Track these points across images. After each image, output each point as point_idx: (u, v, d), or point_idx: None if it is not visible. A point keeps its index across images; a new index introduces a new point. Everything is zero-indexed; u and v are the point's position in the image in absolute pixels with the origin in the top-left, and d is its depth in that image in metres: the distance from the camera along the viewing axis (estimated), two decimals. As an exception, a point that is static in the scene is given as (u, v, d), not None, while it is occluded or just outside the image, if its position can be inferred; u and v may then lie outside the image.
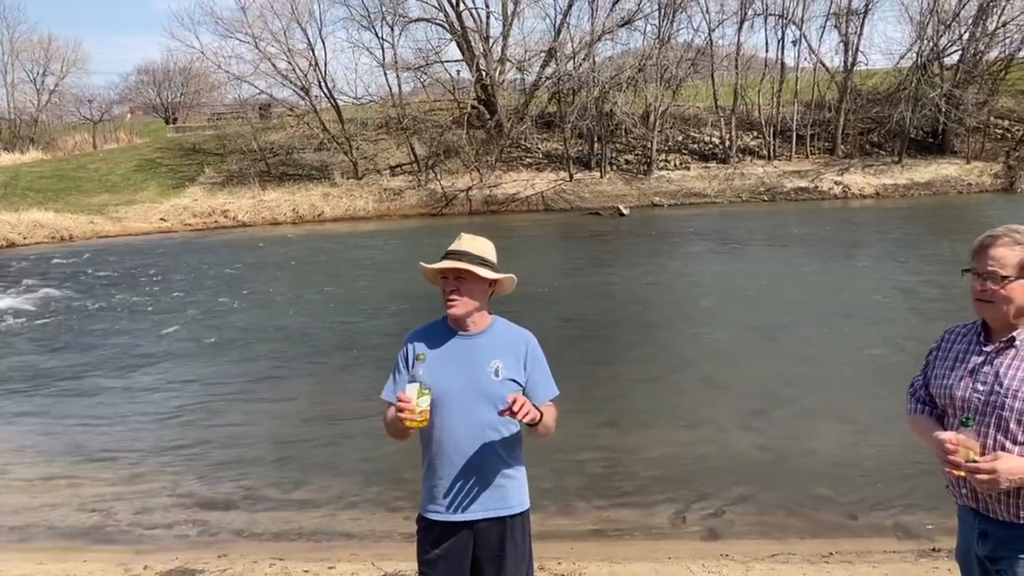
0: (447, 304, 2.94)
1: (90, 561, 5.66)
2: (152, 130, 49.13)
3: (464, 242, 3.00)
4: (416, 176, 35.34)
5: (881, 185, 33.09)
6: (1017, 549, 2.46)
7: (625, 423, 8.47)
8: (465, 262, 2.92)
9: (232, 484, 7.20)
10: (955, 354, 2.63)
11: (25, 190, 34.20)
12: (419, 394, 2.74)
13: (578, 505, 6.43)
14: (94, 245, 27.11)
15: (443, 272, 2.94)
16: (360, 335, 12.82)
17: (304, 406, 9.46)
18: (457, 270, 2.92)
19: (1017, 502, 2.44)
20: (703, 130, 37.74)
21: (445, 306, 2.96)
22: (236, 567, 5.36)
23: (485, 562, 2.94)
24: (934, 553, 5.24)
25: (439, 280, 2.98)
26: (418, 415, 2.74)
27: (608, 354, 11.08)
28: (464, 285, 2.93)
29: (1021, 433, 2.40)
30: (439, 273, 2.96)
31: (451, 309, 2.94)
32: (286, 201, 33.64)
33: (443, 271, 2.94)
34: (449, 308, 2.94)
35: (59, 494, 7.15)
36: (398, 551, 5.46)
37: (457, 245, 2.99)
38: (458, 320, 2.97)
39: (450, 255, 2.96)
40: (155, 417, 9.24)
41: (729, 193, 33.22)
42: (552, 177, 35.04)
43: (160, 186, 35.82)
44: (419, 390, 2.75)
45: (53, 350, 12.85)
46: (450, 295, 2.93)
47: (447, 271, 2.93)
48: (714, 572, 4.95)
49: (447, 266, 2.92)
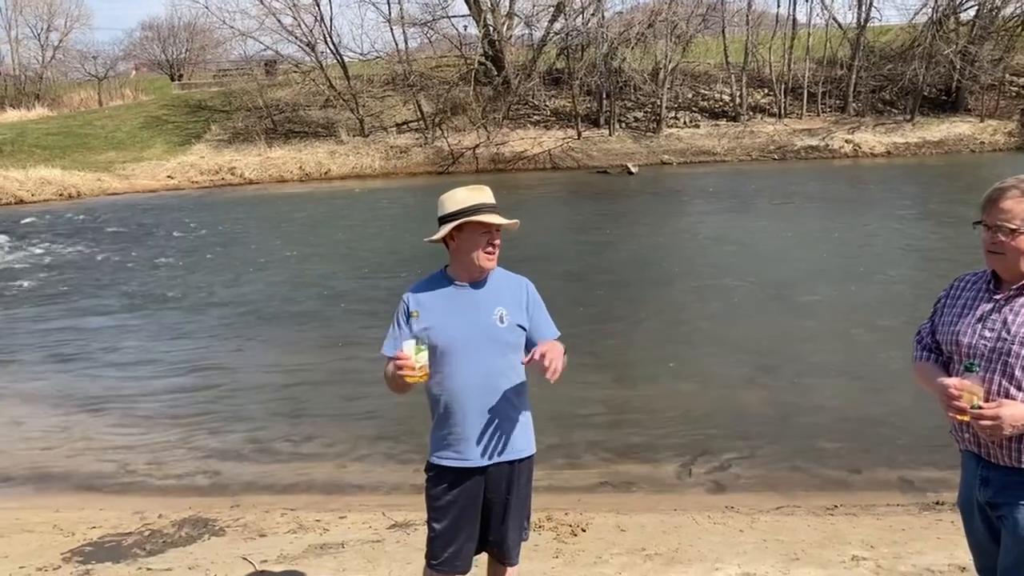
0: (488, 257, 2.96)
1: (106, 509, 5.77)
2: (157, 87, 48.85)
3: (488, 194, 3.01)
4: (423, 134, 35.11)
5: (892, 144, 32.76)
6: (1017, 495, 2.48)
7: (632, 378, 8.53)
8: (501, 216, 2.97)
9: (243, 436, 7.30)
10: (964, 301, 2.64)
11: (32, 147, 34.13)
12: (416, 351, 2.79)
13: (585, 458, 6.51)
14: (102, 202, 27.12)
15: (487, 226, 2.94)
16: (368, 290, 12.87)
17: (313, 360, 9.54)
18: (506, 224, 2.97)
19: (1019, 447, 2.45)
20: (713, 87, 37.30)
21: (483, 259, 2.95)
22: (248, 516, 5.46)
23: (493, 505, 3.00)
24: (937, 506, 5.30)
25: (470, 234, 2.93)
26: (418, 371, 2.79)
27: (615, 311, 11.11)
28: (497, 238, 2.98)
29: None
30: (482, 227, 2.93)
31: (491, 262, 2.98)
32: (292, 159, 33.51)
33: (487, 225, 2.93)
34: (489, 261, 2.97)
35: (74, 445, 7.26)
36: (408, 502, 5.54)
37: (486, 198, 2.98)
38: (486, 272, 3.00)
39: (488, 209, 2.95)
40: (166, 370, 9.34)
41: (739, 151, 32.96)
42: (560, 135, 34.76)
43: (167, 143, 35.70)
44: (416, 347, 2.79)
45: (64, 305, 12.94)
46: (494, 249, 2.97)
47: (492, 225, 2.94)
48: (719, 524, 5.02)
49: (499, 221, 2.94)
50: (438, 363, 2.94)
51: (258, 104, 36.95)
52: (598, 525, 4.97)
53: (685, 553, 4.43)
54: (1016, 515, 2.48)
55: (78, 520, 5.50)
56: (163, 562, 4.61)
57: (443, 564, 3.01)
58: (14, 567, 4.54)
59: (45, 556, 4.76)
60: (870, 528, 4.88)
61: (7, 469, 6.84)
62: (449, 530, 2.99)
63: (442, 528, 3.00)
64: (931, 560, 4.21)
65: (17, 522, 5.54)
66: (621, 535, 4.80)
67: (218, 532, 5.16)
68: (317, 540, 4.86)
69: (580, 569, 4.18)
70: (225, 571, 4.32)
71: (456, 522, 2.98)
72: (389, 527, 5.08)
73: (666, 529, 4.90)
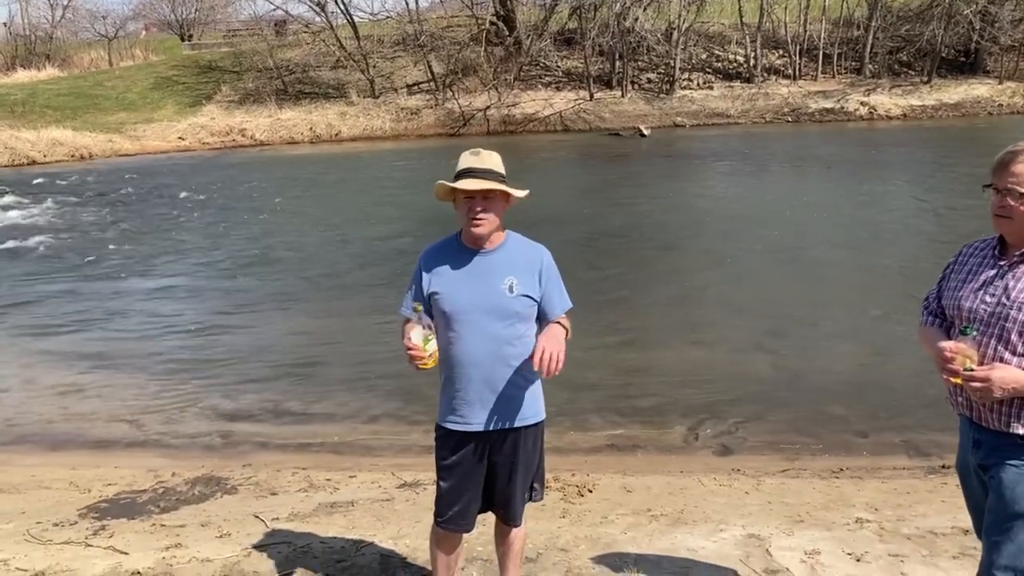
0: (473, 223, 2.89)
1: (121, 467, 5.87)
2: (167, 47, 48.53)
3: (484, 158, 2.92)
4: (433, 95, 34.83)
5: (908, 106, 32.31)
6: (1005, 456, 2.53)
7: (640, 342, 8.56)
8: (493, 180, 2.86)
9: (255, 397, 7.39)
10: (969, 267, 2.66)
11: (43, 108, 34.08)
12: (425, 340, 2.86)
13: (593, 420, 6.56)
14: (114, 164, 27.14)
15: (469, 192, 2.87)
16: (379, 253, 12.90)
17: (324, 323, 9.61)
18: (487, 190, 2.87)
19: (1009, 411, 2.49)
20: (727, 48, 36.76)
21: (469, 225, 2.90)
22: (260, 475, 5.55)
23: (499, 467, 3.04)
24: (943, 470, 5.33)
25: (460, 199, 2.90)
26: (429, 359, 2.88)
27: (625, 274, 11.11)
28: (490, 204, 2.89)
29: (1022, 345, 2.44)
30: (463, 193, 2.87)
31: (477, 228, 2.89)
32: (303, 120, 33.36)
33: (472, 191, 2.86)
34: (475, 228, 2.89)
35: (88, 404, 7.37)
36: (417, 462, 5.62)
37: (476, 162, 2.91)
38: (481, 238, 2.95)
39: (473, 173, 2.87)
40: (179, 331, 9.42)
41: (752, 114, 32.59)
42: (572, 96, 34.41)
43: (177, 104, 35.58)
44: (425, 337, 2.86)
45: (77, 265, 13.03)
46: (478, 215, 2.88)
47: (476, 191, 2.86)
48: (725, 486, 5.07)
49: (478, 186, 2.84)
50: (446, 328, 2.96)
51: (268, 65, 36.72)
52: (604, 486, 5.03)
53: (690, 514, 4.49)
54: (1002, 475, 2.53)
55: (94, 477, 5.61)
56: (177, 519, 4.70)
57: (448, 522, 3.07)
58: (31, 522, 4.64)
59: (62, 512, 4.86)
60: (875, 491, 4.92)
61: (23, 427, 6.96)
62: (454, 490, 3.04)
63: (447, 488, 3.05)
64: (934, 523, 4.25)
65: (33, 478, 5.66)
66: (627, 496, 4.86)
67: (230, 490, 5.25)
68: (327, 499, 4.94)
69: (586, 529, 4.24)
70: (237, 528, 4.40)
71: (461, 483, 3.03)
72: (398, 486, 5.16)
73: (672, 491, 4.95)
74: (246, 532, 4.31)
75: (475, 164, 2.90)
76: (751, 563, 3.75)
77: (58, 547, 4.24)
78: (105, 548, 4.18)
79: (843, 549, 3.89)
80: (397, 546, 4.01)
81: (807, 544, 3.95)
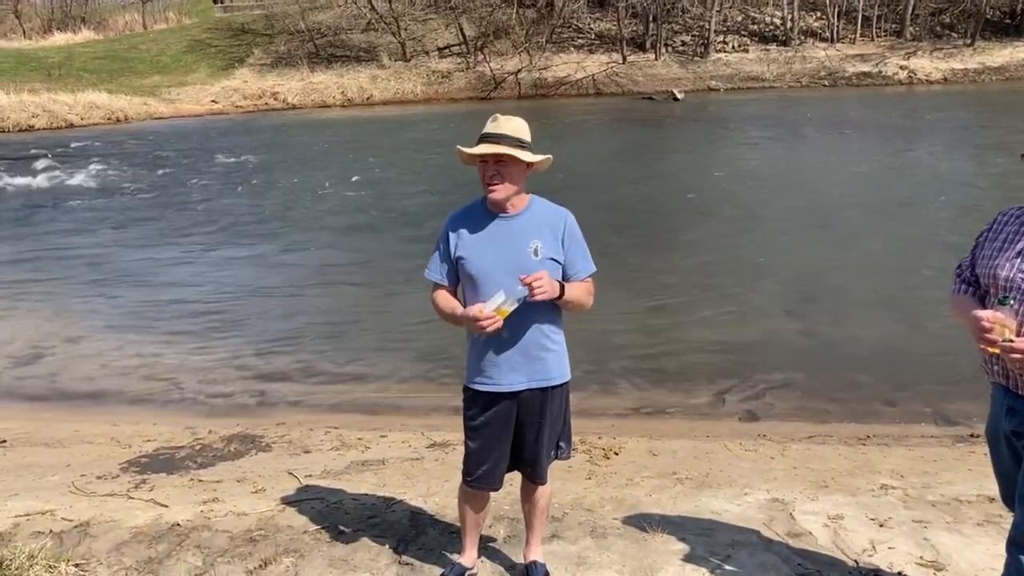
0: (488, 189, 2.96)
1: (159, 424, 6.05)
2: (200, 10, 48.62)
3: (501, 124, 2.97)
4: (464, 58, 34.66)
5: (950, 70, 31.56)
6: None
7: (669, 307, 8.55)
8: (505, 145, 2.91)
9: (288, 358, 7.53)
10: (1005, 235, 2.61)
11: (80, 71, 34.45)
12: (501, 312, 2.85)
13: (620, 384, 6.61)
14: (149, 126, 27.43)
15: (483, 157, 2.93)
16: (409, 216, 12.97)
17: (355, 285, 9.72)
18: (497, 155, 2.92)
19: None
20: (764, 10, 36.11)
21: (485, 190, 2.97)
22: (293, 433, 5.68)
23: (527, 427, 3.10)
24: (971, 438, 5.32)
25: (478, 164, 2.98)
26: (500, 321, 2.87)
27: (655, 240, 11.08)
28: (504, 169, 2.93)
29: None
30: (479, 158, 2.95)
31: (492, 194, 2.96)
32: (334, 83, 33.40)
33: (483, 156, 2.93)
34: (490, 193, 2.96)
35: (128, 363, 7.56)
36: (446, 422, 5.72)
37: (494, 127, 2.96)
38: (498, 203, 3.00)
39: (488, 138, 2.94)
40: (215, 294, 9.60)
41: (788, 77, 32.04)
42: (604, 59, 34.06)
43: (210, 67, 35.77)
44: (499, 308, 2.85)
45: (115, 227, 13.27)
46: (491, 180, 2.94)
47: (487, 156, 2.93)
48: (751, 451, 5.10)
49: (488, 151, 2.91)
50: (473, 291, 3.01)
51: (300, 28, 36.71)
52: (630, 449, 5.09)
53: (715, 478, 4.53)
54: None
55: (134, 433, 5.78)
56: (214, 474, 4.85)
57: (477, 480, 3.14)
58: (75, 475, 4.81)
59: (104, 465, 5.03)
60: (901, 458, 4.93)
61: (66, 384, 7.17)
62: (483, 450, 3.11)
63: (476, 447, 3.12)
64: (960, 490, 4.25)
65: (77, 433, 5.85)
66: (653, 459, 4.92)
67: (265, 448, 5.39)
68: (359, 457, 5.06)
69: (612, 490, 4.30)
70: (272, 484, 4.53)
71: (489, 442, 3.10)
72: (428, 446, 5.26)
73: (697, 455, 5.00)
74: (280, 488, 4.44)
75: (491, 130, 2.97)
76: (774, 526, 3.79)
77: (102, 499, 4.39)
78: (146, 501, 4.33)
79: (867, 514, 3.92)
80: (426, 504, 4.10)
81: (831, 509, 3.98)
